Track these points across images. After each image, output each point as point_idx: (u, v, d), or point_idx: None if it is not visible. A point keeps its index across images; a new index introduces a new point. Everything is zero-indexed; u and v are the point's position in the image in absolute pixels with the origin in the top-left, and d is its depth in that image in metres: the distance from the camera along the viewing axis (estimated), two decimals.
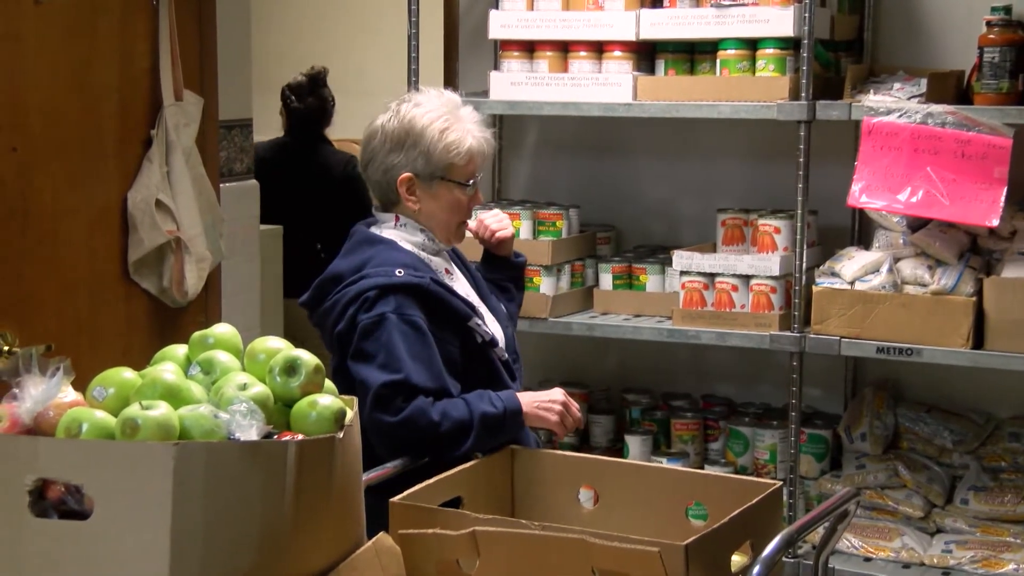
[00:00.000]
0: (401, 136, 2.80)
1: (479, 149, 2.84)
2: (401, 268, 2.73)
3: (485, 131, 2.87)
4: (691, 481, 2.61)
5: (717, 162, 4.32)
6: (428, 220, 2.85)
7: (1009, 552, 3.62)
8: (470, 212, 2.89)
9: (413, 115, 2.81)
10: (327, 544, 1.92)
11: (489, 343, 2.82)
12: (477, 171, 2.86)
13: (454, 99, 2.88)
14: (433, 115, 2.81)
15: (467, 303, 2.81)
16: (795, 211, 3.78)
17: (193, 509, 1.74)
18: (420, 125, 2.80)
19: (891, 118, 3.66)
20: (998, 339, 3.56)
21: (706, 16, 3.87)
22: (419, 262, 2.81)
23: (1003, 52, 3.57)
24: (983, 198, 3.58)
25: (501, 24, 4.11)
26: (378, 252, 2.79)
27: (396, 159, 2.80)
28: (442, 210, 2.84)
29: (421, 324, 2.69)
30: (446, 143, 2.79)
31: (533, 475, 2.67)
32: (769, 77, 3.81)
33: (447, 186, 2.81)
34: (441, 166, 2.80)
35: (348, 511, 1.97)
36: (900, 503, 3.83)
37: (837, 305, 3.72)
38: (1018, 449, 3.90)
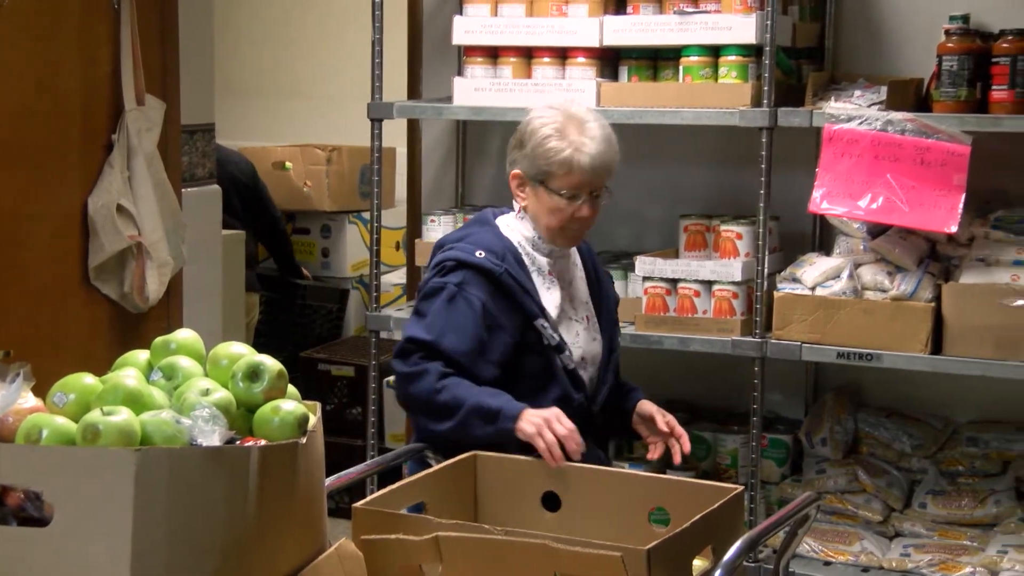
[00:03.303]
0: (520, 135, 2.94)
1: (580, 164, 2.86)
2: (483, 251, 2.87)
3: (600, 147, 2.88)
4: (653, 486, 2.63)
5: (680, 168, 4.34)
6: (534, 218, 2.96)
7: (966, 555, 3.66)
8: (575, 220, 2.92)
9: (533, 117, 2.93)
10: (290, 549, 1.92)
11: (554, 348, 2.90)
12: (581, 186, 2.88)
13: (579, 113, 2.93)
14: (547, 120, 2.90)
15: (538, 304, 2.89)
16: (757, 217, 3.81)
17: (155, 515, 1.73)
18: (532, 127, 2.91)
19: (852, 125, 3.69)
20: (956, 344, 3.59)
21: (669, 23, 3.89)
22: (512, 252, 2.92)
23: (961, 60, 3.60)
24: (942, 205, 3.62)
25: (465, 30, 4.11)
26: (478, 232, 2.97)
27: (514, 156, 2.94)
28: (542, 213, 2.92)
29: (477, 304, 2.84)
30: (545, 149, 2.87)
31: (496, 480, 2.67)
32: (731, 84, 3.84)
33: (546, 191, 2.89)
34: (540, 172, 2.89)
35: (311, 516, 1.97)
36: (859, 507, 3.86)
37: (798, 311, 3.74)
38: (975, 453, 3.94)
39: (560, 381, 2.92)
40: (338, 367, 5.37)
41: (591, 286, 3.09)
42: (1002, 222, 3.73)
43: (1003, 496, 3.80)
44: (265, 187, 5.89)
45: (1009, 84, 3.55)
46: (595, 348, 3.03)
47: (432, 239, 4.24)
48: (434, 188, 4.68)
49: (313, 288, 6.18)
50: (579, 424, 2.83)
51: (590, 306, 3.06)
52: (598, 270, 3.14)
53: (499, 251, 2.90)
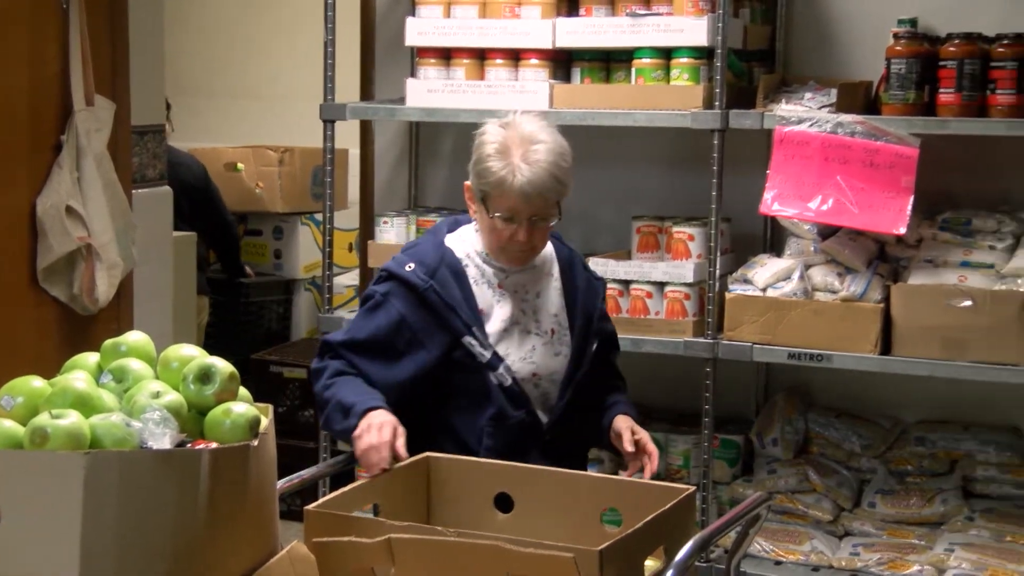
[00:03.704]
0: (473, 147, 2.83)
1: (509, 188, 2.73)
2: (416, 264, 2.83)
3: (539, 175, 2.72)
4: (605, 487, 2.63)
5: (632, 170, 4.36)
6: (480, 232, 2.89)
7: (914, 553, 3.69)
8: (514, 243, 2.80)
9: (486, 130, 2.82)
10: (241, 552, 1.91)
11: (486, 365, 2.81)
12: (514, 211, 2.76)
13: (534, 134, 2.77)
14: (494, 137, 2.78)
15: (469, 321, 2.80)
16: (709, 218, 3.83)
17: (105, 518, 1.72)
18: (480, 142, 2.81)
19: (802, 127, 3.72)
20: (905, 345, 3.63)
21: (621, 25, 3.90)
22: (452, 266, 2.84)
23: (910, 64, 3.64)
24: (891, 206, 3.65)
25: (418, 31, 4.11)
26: (423, 243, 2.93)
27: (469, 167, 2.84)
28: (482, 228, 2.85)
29: (395, 314, 2.81)
30: (484, 168, 2.77)
31: (449, 482, 2.67)
32: (683, 86, 3.85)
33: (485, 211, 2.80)
34: (479, 188, 2.80)
35: (263, 519, 1.97)
36: (810, 507, 3.89)
37: (750, 312, 3.77)
38: (923, 453, 3.98)
39: (494, 399, 2.83)
40: (290, 369, 5.35)
41: (567, 298, 2.95)
42: (949, 224, 3.78)
43: (950, 495, 3.85)
44: (217, 190, 5.85)
45: (956, 87, 3.59)
46: (555, 363, 2.91)
47: (385, 241, 4.26)
48: (387, 189, 4.67)
49: (257, 285, 6.14)
50: (523, 441, 2.82)
51: (560, 319, 2.93)
52: (578, 280, 2.98)
53: (432, 265, 2.83)
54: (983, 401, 3.99)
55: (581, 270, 3.01)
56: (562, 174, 2.77)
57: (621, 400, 3.01)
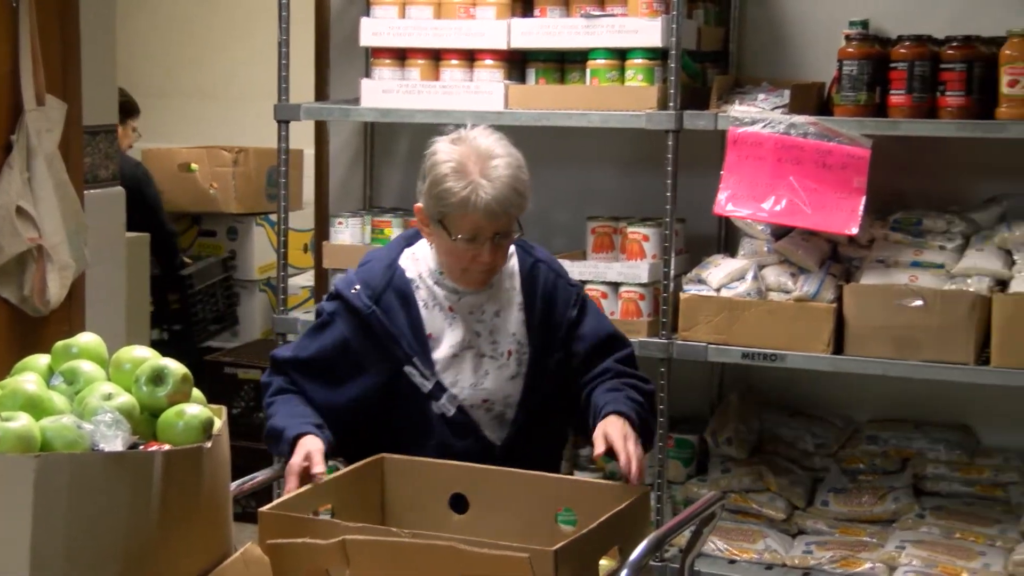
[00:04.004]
0: (426, 167, 2.70)
1: (474, 206, 2.61)
2: (362, 286, 2.75)
3: (502, 191, 2.62)
4: (560, 487, 2.64)
5: (587, 170, 4.37)
6: (437, 256, 2.78)
7: (866, 551, 3.73)
8: (477, 263, 2.70)
9: (438, 150, 2.69)
10: (194, 555, 1.90)
11: (427, 395, 2.74)
12: (477, 230, 2.64)
13: (487, 148, 2.67)
14: (449, 156, 2.66)
15: (413, 349, 2.72)
16: (663, 219, 3.85)
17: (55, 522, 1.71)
18: (434, 161, 2.68)
19: (755, 128, 3.74)
20: (857, 344, 3.66)
21: (576, 26, 3.92)
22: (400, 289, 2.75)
23: (861, 65, 3.67)
24: (843, 207, 3.68)
25: (372, 32, 4.10)
26: (377, 259, 2.84)
27: (419, 188, 2.72)
28: (441, 252, 2.74)
29: (338, 336, 2.75)
30: (441, 189, 2.64)
31: (404, 483, 2.67)
32: (638, 87, 3.87)
33: (443, 232, 2.68)
34: (437, 210, 2.66)
35: (216, 521, 1.96)
36: (763, 506, 3.92)
37: (704, 312, 3.79)
38: (875, 451, 4.02)
39: (436, 430, 2.75)
40: (245, 370, 5.33)
41: (531, 316, 2.80)
42: (901, 224, 3.81)
43: (901, 493, 3.88)
44: (157, 195, 5.78)
45: (907, 89, 3.62)
46: (510, 386, 2.78)
47: (340, 241, 4.25)
48: (342, 190, 4.66)
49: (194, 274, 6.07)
50: None
51: (519, 339, 2.79)
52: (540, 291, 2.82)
53: (379, 288, 2.75)
54: (933, 400, 4.04)
55: (547, 278, 2.84)
56: (523, 187, 2.68)
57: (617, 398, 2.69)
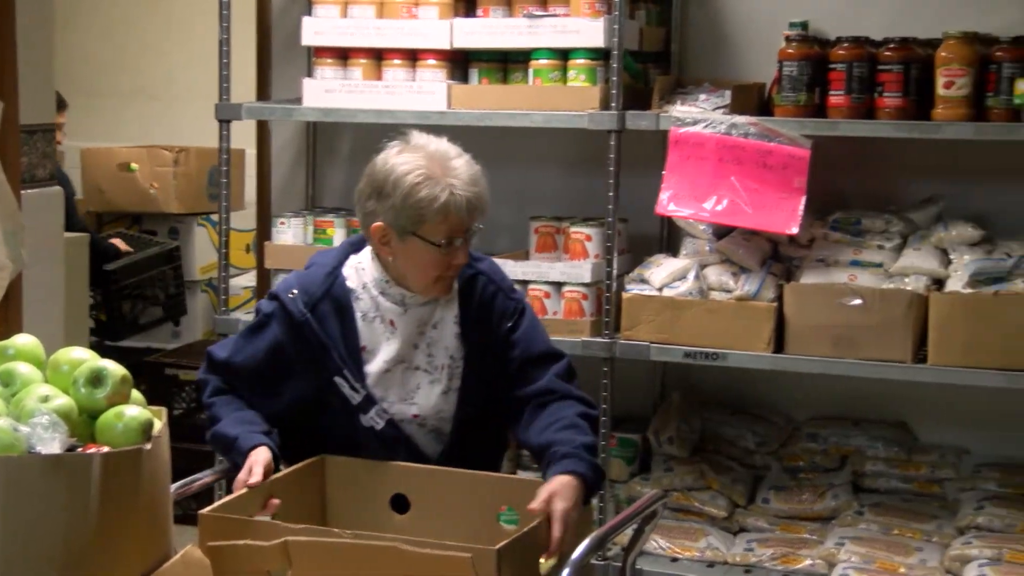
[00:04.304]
0: (380, 182, 2.64)
1: (456, 207, 2.60)
2: (300, 291, 2.72)
3: (472, 188, 2.62)
4: (502, 486, 2.65)
5: (530, 170, 4.37)
6: (403, 270, 2.70)
7: (806, 548, 3.76)
8: (452, 268, 2.68)
9: (394, 163, 2.63)
10: (133, 557, 1.89)
11: (356, 407, 2.70)
12: (458, 230, 2.63)
13: (444, 150, 2.67)
14: (411, 166, 2.62)
15: (339, 363, 2.68)
16: (606, 219, 3.86)
17: None
18: (396, 175, 2.61)
19: (697, 128, 3.77)
20: (797, 343, 3.69)
21: (519, 26, 3.92)
22: (337, 299, 2.71)
23: (801, 66, 3.70)
24: (784, 207, 3.71)
25: (314, 31, 4.09)
26: (316, 267, 2.79)
27: (373, 206, 2.65)
28: (415, 265, 2.67)
29: (271, 339, 2.72)
30: (417, 198, 2.59)
31: (345, 483, 2.66)
32: (580, 87, 3.88)
33: (420, 242, 2.63)
34: (413, 221, 2.61)
35: (155, 524, 1.95)
36: (705, 504, 3.94)
37: (646, 311, 3.81)
38: (815, 449, 4.06)
39: (364, 443, 2.71)
40: (186, 371, 5.29)
41: (465, 328, 2.76)
42: (840, 224, 3.85)
43: (841, 490, 3.92)
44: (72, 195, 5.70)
45: (846, 90, 3.66)
46: (442, 402, 2.74)
47: (282, 242, 4.23)
48: (284, 190, 4.64)
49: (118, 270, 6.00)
50: None
51: (453, 353, 2.75)
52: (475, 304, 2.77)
53: (316, 296, 2.71)
54: (872, 398, 4.08)
55: (485, 290, 2.78)
56: (485, 183, 2.68)
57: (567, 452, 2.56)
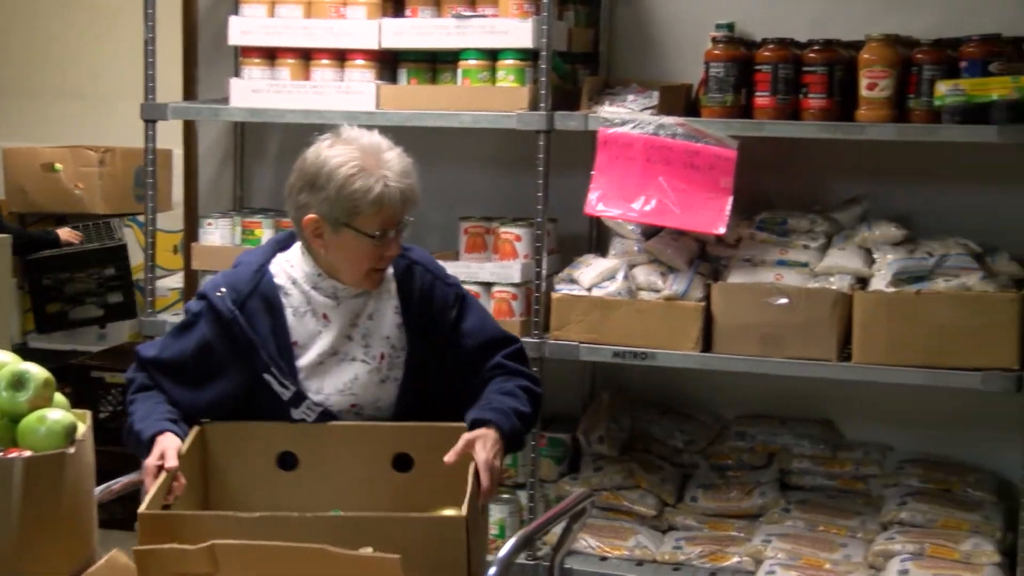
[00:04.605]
0: (312, 175, 2.65)
1: (390, 198, 2.63)
2: (228, 289, 2.72)
3: (404, 180, 2.66)
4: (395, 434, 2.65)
5: (459, 171, 4.38)
6: (336, 263, 2.71)
7: (734, 546, 3.79)
8: (384, 260, 2.71)
9: (327, 155, 2.65)
10: (57, 562, 1.87)
11: (287, 403, 2.70)
12: (391, 222, 2.66)
13: (376, 142, 2.69)
14: (345, 157, 2.64)
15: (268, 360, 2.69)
16: (535, 219, 3.87)
17: None
18: (330, 167, 2.63)
19: (625, 129, 3.79)
20: (725, 342, 3.72)
21: (447, 27, 3.92)
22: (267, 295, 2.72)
23: (727, 67, 3.74)
24: (711, 207, 3.74)
25: (241, 30, 4.06)
26: (243, 265, 2.80)
27: (306, 199, 2.66)
28: (347, 257, 2.69)
29: (199, 338, 2.72)
30: (352, 189, 2.62)
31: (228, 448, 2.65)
32: (509, 87, 3.89)
33: (354, 234, 2.65)
34: (347, 213, 2.63)
35: (80, 528, 1.93)
36: (635, 503, 3.96)
37: (575, 311, 3.82)
38: (743, 447, 4.09)
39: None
40: (112, 374, 5.23)
41: (408, 318, 2.78)
42: (766, 223, 3.89)
43: (768, 488, 3.97)
44: None
45: (771, 91, 3.70)
46: (380, 391, 2.76)
47: (209, 242, 4.20)
48: (212, 190, 4.60)
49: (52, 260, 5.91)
50: None
51: (394, 341, 2.77)
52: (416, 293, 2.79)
53: (244, 293, 2.72)
54: (798, 396, 4.12)
55: (423, 279, 2.81)
56: (416, 175, 2.72)
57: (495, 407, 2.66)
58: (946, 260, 3.65)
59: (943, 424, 4.03)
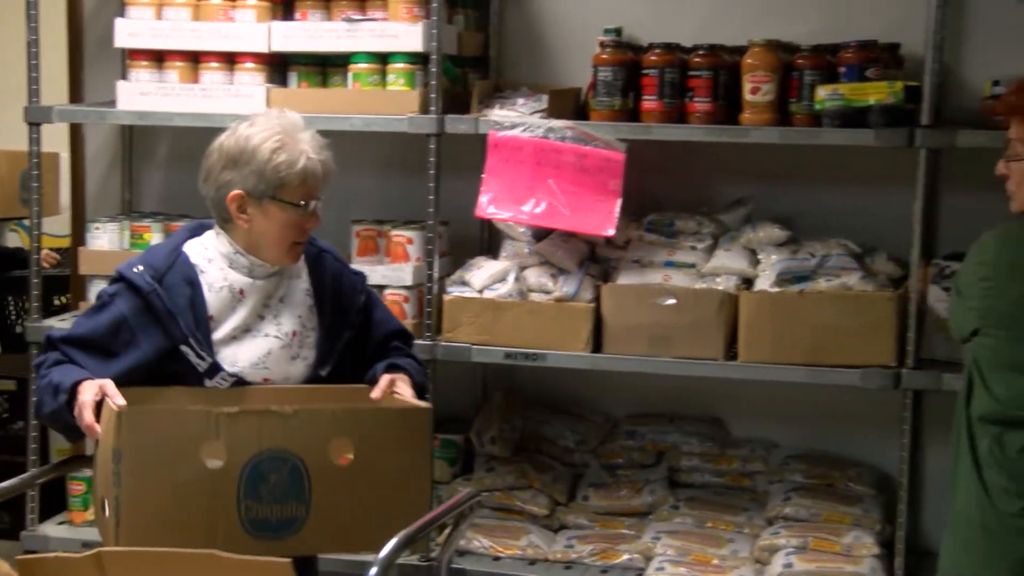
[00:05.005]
0: (235, 154, 2.80)
1: (313, 170, 2.81)
2: (144, 267, 2.81)
3: (322, 154, 2.84)
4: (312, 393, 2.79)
5: (351, 174, 4.33)
6: (259, 238, 2.84)
7: (625, 543, 3.85)
8: (305, 232, 2.87)
9: (248, 134, 2.81)
10: None
11: (203, 373, 2.81)
12: (313, 193, 2.83)
13: (294, 120, 2.86)
14: (267, 134, 2.80)
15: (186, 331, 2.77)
16: (427, 222, 3.89)
17: None
18: (253, 144, 2.79)
19: (515, 132, 3.82)
20: (614, 342, 3.78)
21: (337, 30, 3.93)
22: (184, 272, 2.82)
23: (615, 71, 3.79)
24: (600, 209, 3.79)
25: (128, 33, 4.02)
26: (160, 246, 2.94)
27: (229, 176, 2.80)
28: (273, 229, 2.82)
29: (116, 313, 2.79)
30: (277, 162, 2.78)
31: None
32: (400, 91, 3.90)
33: (279, 205, 2.80)
34: (272, 185, 2.78)
35: None
36: (527, 503, 3.99)
37: (467, 313, 3.85)
38: (633, 446, 4.15)
39: None
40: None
41: (316, 297, 2.95)
42: (654, 225, 3.95)
43: (657, 485, 4.03)
44: None
45: (658, 95, 3.76)
46: (292, 368, 2.90)
47: (97, 247, 4.15)
48: (99, 195, 4.55)
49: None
50: None
51: (306, 321, 2.93)
52: (328, 278, 2.98)
53: (161, 270, 2.82)
54: (687, 394, 4.20)
55: (332, 265, 3.01)
56: (329, 151, 2.89)
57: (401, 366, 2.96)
58: (827, 260, 3.74)
59: (826, 420, 4.13)
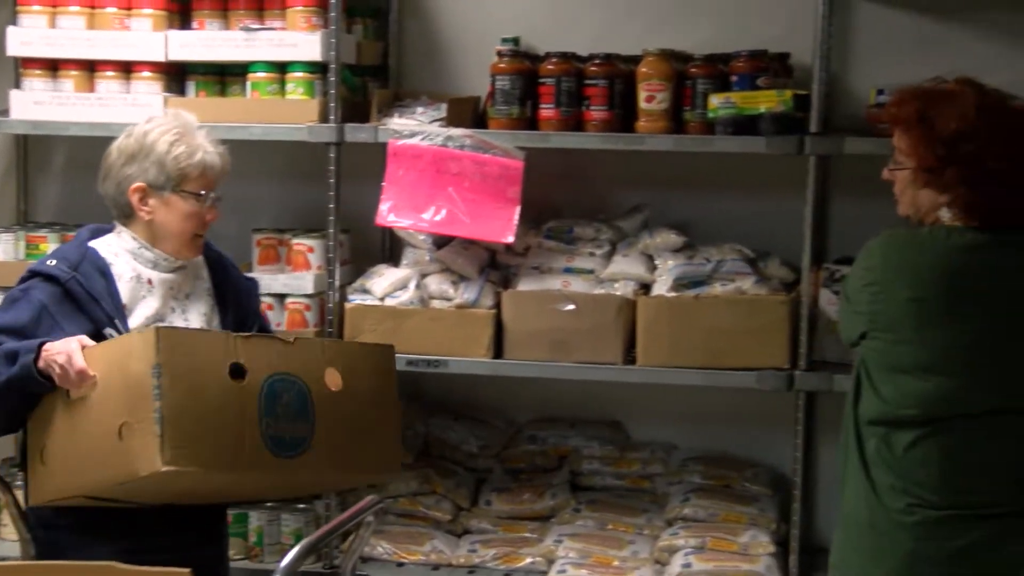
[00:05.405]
0: (135, 149, 2.95)
1: (211, 163, 2.98)
2: (58, 260, 2.89)
3: (219, 148, 3.02)
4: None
5: (251, 183, 4.34)
6: (160, 230, 2.97)
7: (528, 547, 3.88)
8: (205, 225, 3.00)
9: (146, 129, 2.97)
10: None
11: None
12: (212, 185, 2.99)
13: (189, 119, 3.02)
14: (164, 129, 2.96)
15: (110, 313, 2.85)
16: (328, 230, 3.90)
17: None
18: (151, 138, 2.95)
19: (415, 141, 3.85)
20: (515, 348, 3.81)
21: (235, 39, 3.92)
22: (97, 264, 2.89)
23: (513, 80, 3.83)
24: (499, 216, 3.83)
25: (21, 41, 3.98)
26: (65, 247, 3.02)
27: (130, 171, 2.95)
28: (175, 220, 2.96)
29: (36, 302, 2.85)
30: (176, 154, 2.93)
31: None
32: (299, 100, 3.91)
33: (180, 196, 2.95)
34: (173, 176, 2.94)
35: None
36: (430, 508, 4.01)
37: (369, 321, 3.86)
38: (535, 451, 4.19)
39: None
40: None
41: (219, 298, 3.08)
42: (553, 232, 3.99)
43: (559, 489, 4.07)
44: None
45: (555, 103, 3.80)
46: None
47: None
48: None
49: None
50: None
51: (211, 320, 3.05)
52: (230, 281, 3.13)
53: (75, 260, 2.90)
54: (587, 399, 4.24)
55: (232, 270, 3.16)
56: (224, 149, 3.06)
57: None
58: (722, 265, 3.81)
59: (722, 422, 4.20)
